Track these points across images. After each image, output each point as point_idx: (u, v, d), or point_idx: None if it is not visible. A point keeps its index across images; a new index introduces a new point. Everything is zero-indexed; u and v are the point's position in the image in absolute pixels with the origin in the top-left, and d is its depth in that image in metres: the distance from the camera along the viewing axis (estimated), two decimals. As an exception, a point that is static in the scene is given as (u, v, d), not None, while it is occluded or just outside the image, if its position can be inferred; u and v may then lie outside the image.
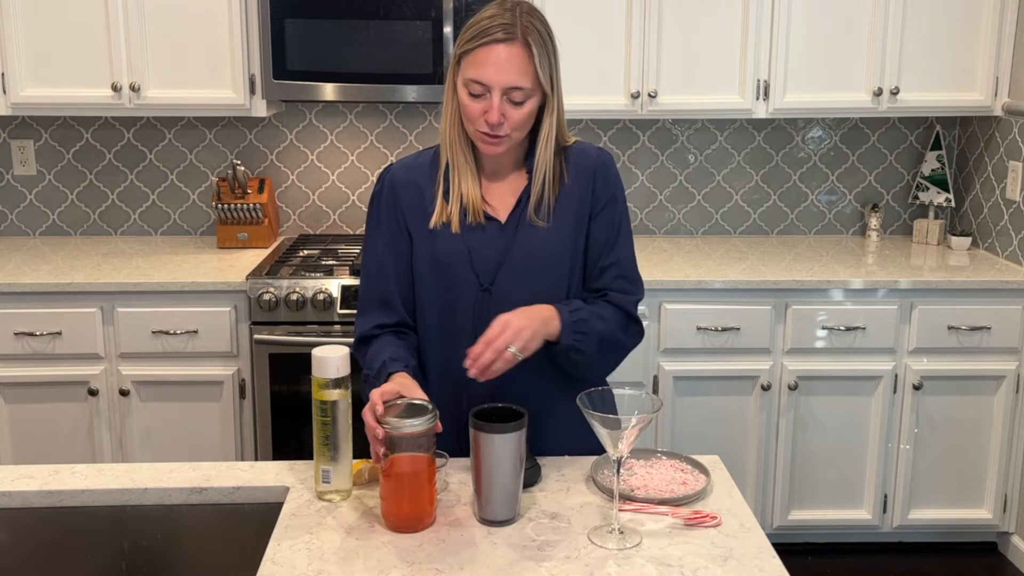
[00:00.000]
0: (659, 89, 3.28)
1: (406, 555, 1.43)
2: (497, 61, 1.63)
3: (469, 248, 1.74)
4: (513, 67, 1.63)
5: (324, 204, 3.71)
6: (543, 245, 1.75)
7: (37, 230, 3.72)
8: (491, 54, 1.63)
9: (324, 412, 1.57)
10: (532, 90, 1.66)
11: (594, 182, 1.78)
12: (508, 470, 1.50)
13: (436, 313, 1.79)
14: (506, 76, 1.63)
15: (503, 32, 1.63)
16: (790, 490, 3.25)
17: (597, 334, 1.73)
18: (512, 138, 1.70)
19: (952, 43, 3.30)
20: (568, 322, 1.69)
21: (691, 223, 3.78)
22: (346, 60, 3.18)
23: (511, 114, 1.66)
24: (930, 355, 3.17)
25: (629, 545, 1.47)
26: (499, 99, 1.64)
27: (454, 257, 1.75)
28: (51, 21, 3.18)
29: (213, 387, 3.11)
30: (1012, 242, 3.35)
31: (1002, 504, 3.28)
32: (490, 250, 1.74)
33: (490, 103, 1.65)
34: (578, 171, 1.78)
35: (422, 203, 1.78)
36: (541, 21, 1.69)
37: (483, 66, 1.64)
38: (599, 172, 1.79)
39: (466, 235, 1.74)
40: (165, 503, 1.65)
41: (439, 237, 1.75)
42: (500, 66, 1.63)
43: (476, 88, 1.66)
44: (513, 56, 1.63)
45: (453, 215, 1.74)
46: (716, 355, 3.15)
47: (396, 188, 1.80)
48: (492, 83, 1.64)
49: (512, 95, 1.65)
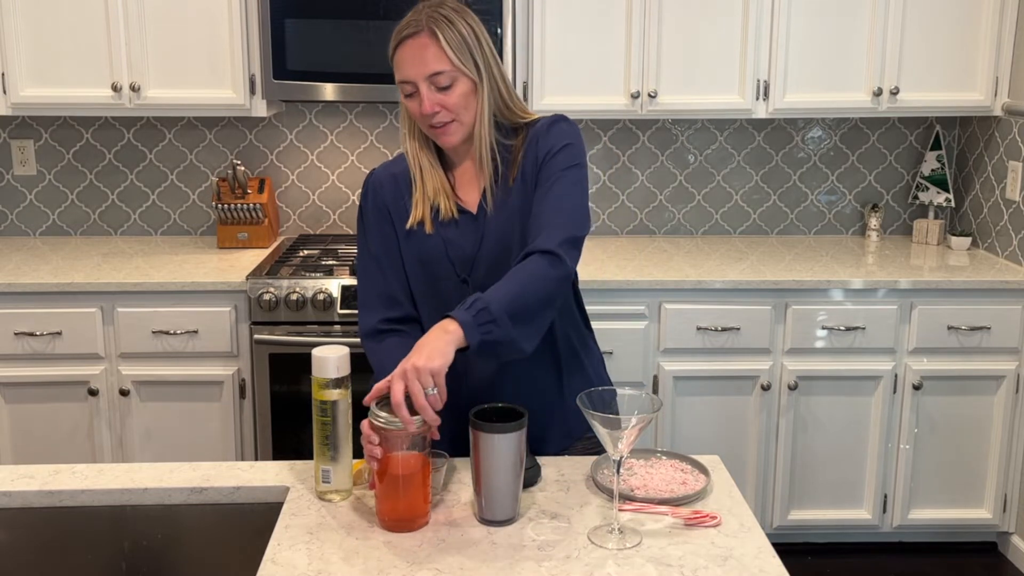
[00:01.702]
0: (659, 89, 3.28)
1: (406, 555, 1.43)
2: (410, 56, 1.70)
3: (445, 243, 1.78)
4: (424, 56, 1.69)
5: (324, 204, 3.71)
6: (511, 229, 1.75)
7: (37, 230, 3.72)
8: (405, 51, 1.70)
9: (324, 412, 1.57)
10: (454, 72, 1.69)
11: (537, 147, 1.76)
12: (508, 470, 1.50)
13: (427, 308, 1.82)
14: (421, 66, 1.69)
15: (410, 27, 1.70)
16: (790, 490, 3.25)
17: (506, 311, 1.55)
18: (461, 123, 1.73)
19: (952, 43, 3.30)
20: (467, 320, 1.53)
21: (691, 223, 3.78)
22: (346, 60, 3.18)
23: (444, 100, 1.70)
24: (930, 355, 3.17)
25: (629, 545, 1.47)
26: (426, 89, 1.69)
27: (433, 253, 1.79)
28: (51, 21, 3.18)
29: (213, 387, 3.11)
30: (1012, 242, 3.35)
31: (1002, 504, 3.28)
32: (464, 242, 1.77)
33: (421, 96, 1.70)
34: (529, 144, 1.77)
35: (403, 203, 1.81)
36: (454, 9, 1.73)
37: (401, 64, 1.71)
38: (539, 135, 1.76)
39: (442, 231, 1.78)
40: (165, 503, 1.65)
41: (417, 236, 1.79)
42: (413, 59, 1.69)
43: (406, 88, 1.72)
44: (421, 46, 1.69)
45: (425, 215, 1.78)
46: (716, 355, 3.15)
47: (380, 190, 1.85)
48: (413, 77, 1.70)
49: (436, 81, 1.69)
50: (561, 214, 1.68)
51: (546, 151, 1.74)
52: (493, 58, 1.75)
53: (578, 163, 1.74)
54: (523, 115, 1.80)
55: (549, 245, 1.62)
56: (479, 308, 1.54)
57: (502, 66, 1.79)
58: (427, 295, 1.82)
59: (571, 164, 1.73)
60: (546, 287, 1.61)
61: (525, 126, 1.79)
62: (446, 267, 1.78)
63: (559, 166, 1.72)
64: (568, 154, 1.74)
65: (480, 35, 1.74)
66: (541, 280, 1.61)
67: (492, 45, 1.76)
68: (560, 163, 1.72)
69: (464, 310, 1.54)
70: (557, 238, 1.64)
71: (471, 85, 1.72)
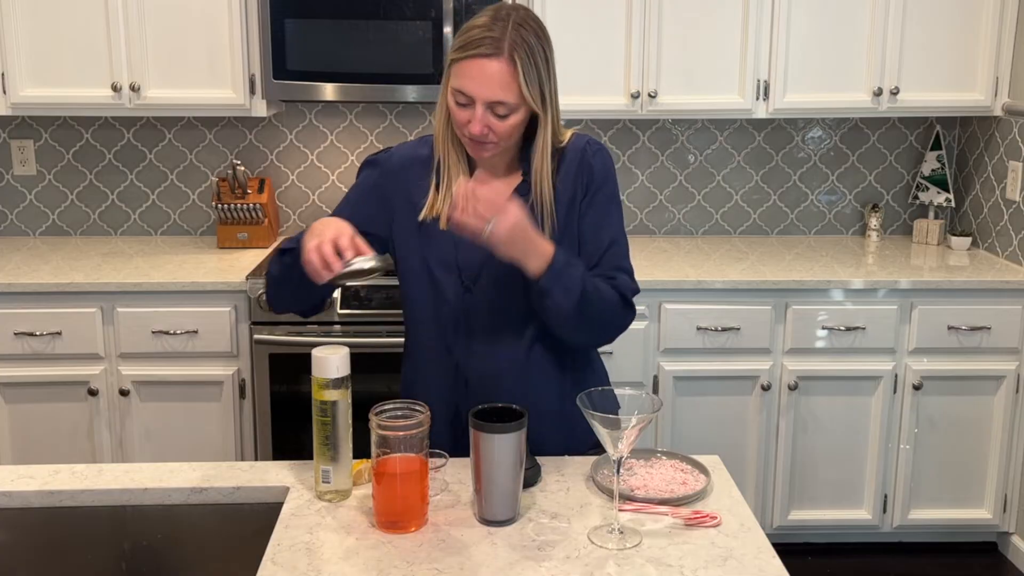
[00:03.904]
0: (659, 89, 3.28)
1: (406, 555, 1.43)
2: (480, 75, 1.61)
3: (456, 244, 1.73)
4: (496, 83, 1.61)
5: (324, 204, 3.71)
6: None
7: (37, 230, 3.72)
8: (475, 68, 1.62)
9: (324, 412, 1.57)
10: (517, 105, 1.64)
11: (580, 175, 1.75)
12: (508, 470, 1.50)
13: (425, 307, 1.79)
14: (488, 91, 1.62)
15: (488, 46, 1.61)
16: (790, 490, 3.25)
17: (578, 291, 1.65)
18: (499, 145, 1.69)
19: (952, 43, 3.30)
20: (559, 264, 1.63)
21: (691, 223, 3.78)
22: (346, 60, 3.18)
23: (496, 126, 1.65)
24: (930, 355, 3.17)
25: (629, 545, 1.47)
26: (482, 111, 1.63)
27: (440, 252, 1.75)
28: (51, 21, 3.18)
29: (213, 387, 3.11)
30: (1012, 242, 3.35)
31: (1002, 504, 3.28)
32: (476, 249, 1.71)
33: (474, 114, 1.64)
34: (568, 169, 1.76)
35: (415, 194, 1.77)
36: (536, 32, 1.65)
37: (467, 78, 1.63)
38: (584, 164, 1.76)
39: (454, 232, 1.71)
40: (165, 503, 1.65)
41: (427, 231, 1.75)
42: (483, 81, 1.61)
43: (461, 98, 1.65)
44: (497, 72, 1.61)
45: (442, 211, 1.72)
46: (716, 355, 3.15)
47: (390, 173, 1.80)
48: (475, 96, 1.63)
49: (496, 109, 1.63)
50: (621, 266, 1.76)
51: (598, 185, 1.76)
52: (555, 85, 1.70)
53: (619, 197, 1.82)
54: (560, 141, 1.76)
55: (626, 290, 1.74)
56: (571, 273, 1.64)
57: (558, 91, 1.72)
58: (425, 296, 1.78)
59: (617, 199, 1.80)
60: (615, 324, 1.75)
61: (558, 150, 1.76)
62: (451, 269, 1.75)
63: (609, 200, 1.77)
64: (616, 187, 1.80)
65: (552, 64, 1.68)
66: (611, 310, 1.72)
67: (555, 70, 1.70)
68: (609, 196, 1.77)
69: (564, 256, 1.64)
70: (628, 284, 1.75)
71: (527, 114, 1.67)
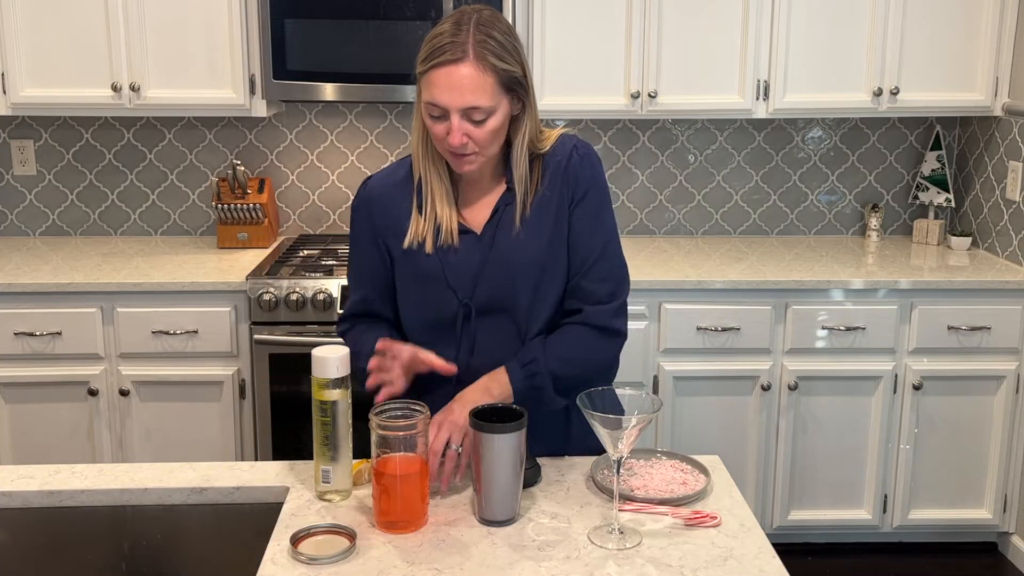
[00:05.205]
0: (659, 89, 3.28)
1: (406, 555, 1.43)
2: (449, 83, 1.55)
3: (444, 265, 1.70)
4: (467, 87, 1.55)
5: (324, 204, 3.71)
6: (518, 254, 1.69)
7: (37, 230, 3.72)
8: (443, 76, 1.56)
9: (324, 412, 1.57)
10: (492, 108, 1.58)
11: (566, 186, 1.71)
12: (508, 470, 1.50)
13: (422, 327, 1.77)
14: (460, 98, 1.56)
15: (452, 51, 1.55)
16: (790, 490, 3.25)
17: (558, 388, 1.69)
18: (481, 155, 1.64)
19: (952, 43, 3.30)
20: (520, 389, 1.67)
21: (691, 223, 3.78)
22: (346, 60, 3.18)
23: (474, 133, 1.59)
24: (930, 355, 3.17)
25: (629, 545, 1.47)
26: (459, 121, 1.57)
27: (431, 275, 1.72)
28: (51, 21, 3.18)
29: (213, 387, 3.11)
30: (1012, 242, 3.35)
31: (1002, 504, 3.28)
32: (466, 265, 1.70)
33: (451, 125, 1.58)
34: (554, 173, 1.71)
35: (398, 220, 1.74)
36: (501, 30, 1.60)
37: (437, 88, 1.57)
38: (569, 174, 1.71)
39: (440, 253, 1.70)
40: (165, 503, 1.65)
41: (415, 256, 1.72)
42: (453, 88, 1.55)
43: (435, 111, 1.59)
44: (467, 76, 1.55)
45: (427, 234, 1.70)
46: (716, 355, 3.15)
47: (372, 205, 1.77)
48: (448, 105, 1.57)
49: (472, 115, 1.58)
50: (612, 275, 1.73)
51: (585, 188, 1.71)
52: (530, 80, 1.64)
53: (609, 202, 1.76)
54: (540, 142, 1.72)
55: (608, 322, 1.71)
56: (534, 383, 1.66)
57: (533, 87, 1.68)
58: (421, 316, 1.77)
59: (607, 205, 1.74)
60: (606, 360, 1.76)
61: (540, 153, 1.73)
62: (444, 289, 1.72)
63: (599, 206, 1.72)
64: (605, 193, 1.75)
65: (524, 59, 1.63)
66: (601, 355, 1.73)
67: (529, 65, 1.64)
68: (600, 202, 1.73)
69: (520, 371, 1.66)
70: (613, 308, 1.72)
71: (506, 117, 1.62)
